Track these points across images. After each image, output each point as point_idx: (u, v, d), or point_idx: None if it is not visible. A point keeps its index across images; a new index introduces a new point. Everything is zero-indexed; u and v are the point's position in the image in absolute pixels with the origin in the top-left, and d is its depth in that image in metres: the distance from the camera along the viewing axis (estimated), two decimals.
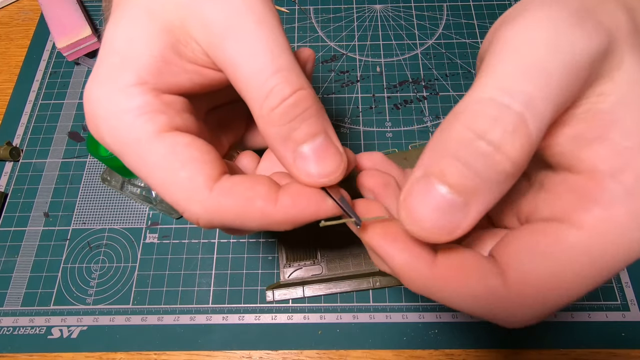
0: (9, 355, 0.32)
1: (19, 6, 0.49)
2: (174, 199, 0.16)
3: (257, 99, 0.16)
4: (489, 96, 0.12)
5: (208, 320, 0.33)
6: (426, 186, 0.13)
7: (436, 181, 0.13)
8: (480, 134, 0.12)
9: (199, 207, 0.16)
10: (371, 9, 0.47)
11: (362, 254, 0.34)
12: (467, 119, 0.13)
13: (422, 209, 0.13)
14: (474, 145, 0.12)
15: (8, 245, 0.36)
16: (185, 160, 0.16)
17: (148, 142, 0.16)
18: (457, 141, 0.13)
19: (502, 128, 0.12)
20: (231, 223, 0.16)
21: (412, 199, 0.13)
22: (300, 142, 0.16)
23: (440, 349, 0.32)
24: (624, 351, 0.31)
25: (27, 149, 0.40)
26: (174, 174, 0.16)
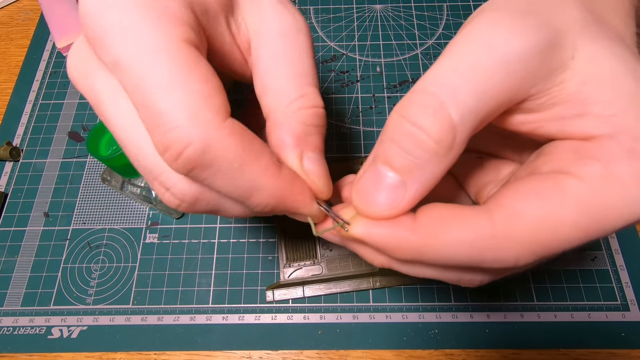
0: (9, 355, 0.32)
1: (19, 6, 0.49)
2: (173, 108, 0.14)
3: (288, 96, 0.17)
4: (422, 87, 0.14)
5: (208, 320, 0.33)
6: (373, 169, 0.15)
7: (379, 164, 0.15)
8: (408, 117, 0.14)
9: (201, 128, 0.14)
10: (371, 9, 0.47)
11: None
12: (400, 107, 0.15)
13: (367, 189, 0.15)
14: (404, 128, 0.14)
15: (8, 245, 0.36)
16: (207, 76, 0.14)
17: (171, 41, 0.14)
18: (392, 126, 0.15)
19: (424, 111, 0.14)
20: (221, 167, 0.14)
21: (361, 181, 0.16)
22: (311, 147, 0.17)
23: (440, 349, 0.32)
24: (624, 351, 0.31)
25: (27, 149, 0.40)
26: (191, 82, 0.14)
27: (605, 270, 0.34)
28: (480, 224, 0.14)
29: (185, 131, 0.14)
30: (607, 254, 0.34)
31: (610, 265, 0.34)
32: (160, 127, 0.14)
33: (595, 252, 0.34)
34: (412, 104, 0.14)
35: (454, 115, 0.14)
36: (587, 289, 0.33)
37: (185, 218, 0.37)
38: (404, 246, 0.15)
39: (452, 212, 0.15)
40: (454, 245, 0.14)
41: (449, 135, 0.14)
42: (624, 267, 0.34)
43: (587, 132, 0.14)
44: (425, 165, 0.14)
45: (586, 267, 0.34)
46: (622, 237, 0.35)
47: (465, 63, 0.14)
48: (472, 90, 0.13)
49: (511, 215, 0.14)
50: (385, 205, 0.15)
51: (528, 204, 0.14)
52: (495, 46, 0.14)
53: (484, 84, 0.14)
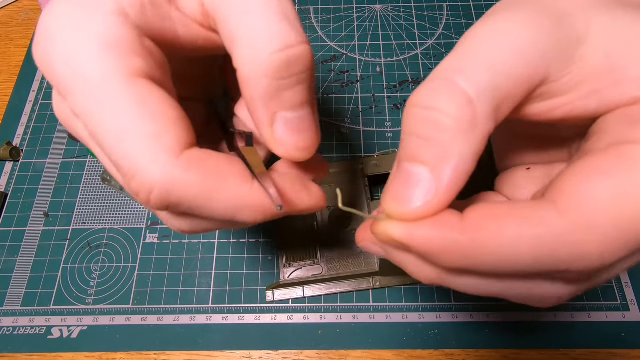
0: (9, 355, 0.32)
1: (19, 6, 0.49)
2: (128, 155, 0.13)
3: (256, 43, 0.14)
4: (430, 78, 0.14)
5: (208, 320, 0.33)
6: (400, 172, 0.14)
7: (405, 162, 0.14)
8: (420, 104, 0.14)
9: (158, 171, 0.13)
10: (371, 9, 0.47)
11: (362, 254, 0.34)
12: (411, 99, 0.14)
13: (398, 192, 0.14)
14: (419, 115, 0.14)
15: (8, 245, 0.36)
16: (156, 113, 0.14)
17: (116, 81, 0.13)
18: (407, 120, 0.14)
19: (436, 94, 0.13)
20: (191, 202, 0.14)
21: (390, 187, 0.14)
22: (285, 106, 0.15)
23: (440, 349, 0.32)
24: (624, 351, 0.31)
25: (27, 149, 0.40)
26: (138, 125, 0.13)
27: None
28: (545, 215, 0.12)
29: (143, 179, 0.13)
30: None
31: None
32: (123, 175, 0.14)
33: None
34: (422, 91, 0.14)
35: (469, 90, 0.13)
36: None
37: None
38: (451, 248, 0.13)
39: (506, 206, 0.13)
40: (513, 243, 0.12)
41: (467, 110, 0.13)
42: None
43: (631, 95, 0.13)
44: (450, 147, 0.13)
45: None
46: None
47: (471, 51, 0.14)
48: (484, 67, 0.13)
49: (581, 199, 0.12)
50: (420, 202, 0.13)
51: (597, 183, 0.12)
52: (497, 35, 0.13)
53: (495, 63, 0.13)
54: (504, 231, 0.12)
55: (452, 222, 0.13)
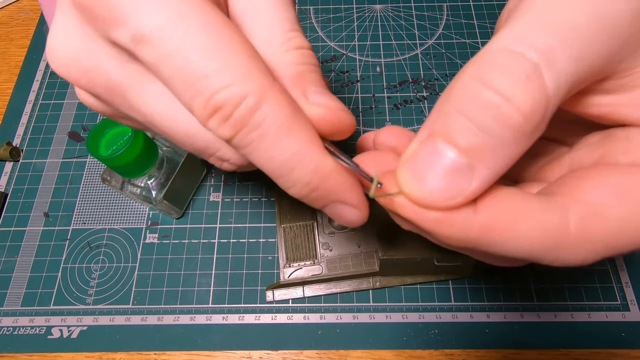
0: (9, 355, 0.32)
1: (19, 6, 0.49)
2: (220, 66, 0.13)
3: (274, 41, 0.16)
4: (503, 46, 0.11)
5: (208, 320, 0.33)
6: (429, 147, 0.12)
7: (440, 141, 0.12)
8: (489, 83, 0.11)
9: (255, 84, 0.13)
10: (371, 9, 0.47)
11: (362, 254, 0.34)
12: (475, 69, 0.12)
13: (422, 172, 0.12)
14: (481, 97, 0.11)
15: (8, 245, 0.36)
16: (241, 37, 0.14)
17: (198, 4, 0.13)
18: (463, 94, 0.12)
19: (514, 76, 0.11)
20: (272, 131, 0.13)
21: (414, 160, 0.13)
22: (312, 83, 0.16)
23: (440, 349, 0.32)
24: (624, 351, 0.31)
25: (27, 149, 0.40)
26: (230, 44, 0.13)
27: (605, 270, 0.34)
28: (553, 221, 0.12)
29: (238, 88, 0.12)
30: None
31: (610, 265, 0.34)
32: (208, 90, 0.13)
33: None
34: (494, 67, 0.11)
35: (550, 85, 0.11)
36: (587, 289, 0.33)
37: (185, 218, 0.37)
38: (458, 235, 0.13)
39: (520, 203, 0.13)
40: (517, 241, 0.12)
41: (541, 109, 0.11)
42: (623, 267, 0.34)
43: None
44: (503, 146, 0.11)
45: (586, 267, 0.34)
46: None
47: (560, 20, 0.11)
48: (572, 55, 0.11)
49: (591, 214, 0.12)
50: (443, 194, 0.12)
51: (612, 203, 0.12)
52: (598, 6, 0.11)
53: (585, 49, 0.11)
54: (513, 230, 0.12)
55: (466, 212, 0.12)
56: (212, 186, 0.38)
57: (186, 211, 0.37)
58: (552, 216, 0.12)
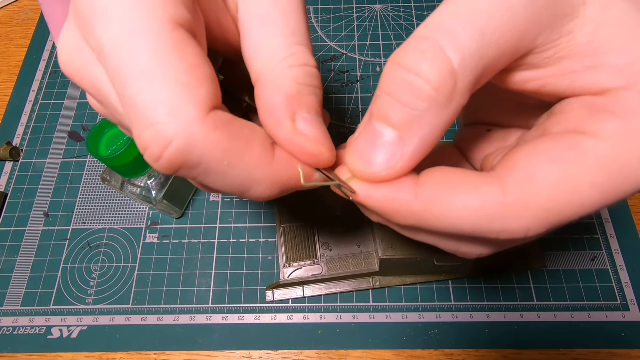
0: (9, 355, 0.32)
1: (19, 6, 0.49)
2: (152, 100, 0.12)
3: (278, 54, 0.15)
4: (418, 34, 0.13)
5: (208, 320, 0.33)
6: (369, 129, 0.14)
7: (376, 121, 0.14)
8: (403, 64, 0.13)
9: (182, 123, 0.12)
10: (371, 9, 0.47)
11: (362, 254, 0.34)
12: (395, 55, 0.14)
13: (363, 149, 0.14)
14: (399, 76, 0.13)
15: (8, 245, 0.36)
16: (192, 64, 0.13)
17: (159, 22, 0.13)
18: (386, 77, 0.14)
19: (421, 56, 0.13)
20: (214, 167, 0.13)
21: (356, 141, 0.14)
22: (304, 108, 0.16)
23: (440, 349, 0.32)
24: (624, 351, 0.31)
25: (27, 149, 0.40)
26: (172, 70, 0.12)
27: (605, 270, 0.34)
28: (489, 190, 0.13)
29: (164, 129, 0.12)
30: (607, 254, 0.34)
31: (610, 265, 0.34)
32: (138, 123, 0.12)
33: (595, 252, 0.34)
34: (407, 51, 0.13)
35: (454, 59, 0.12)
36: (587, 289, 0.33)
37: (185, 218, 0.37)
38: (404, 212, 0.14)
39: (458, 176, 0.14)
40: (458, 213, 0.13)
41: (449, 81, 0.13)
42: (624, 267, 0.34)
43: (601, 85, 0.13)
44: (424, 117, 0.13)
45: (586, 267, 0.34)
46: (622, 237, 0.35)
47: (464, 8, 0.13)
48: (473, 32, 0.12)
49: (524, 180, 0.13)
50: (383, 165, 0.14)
51: (542, 167, 0.13)
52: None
53: (486, 27, 0.12)
54: (453, 202, 0.13)
55: (407, 187, 0.14)
56: None
57: (186, 211, 0.37)
58: (490, 186, 0.13)
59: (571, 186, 0.12)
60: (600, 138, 0.12)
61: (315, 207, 0.35)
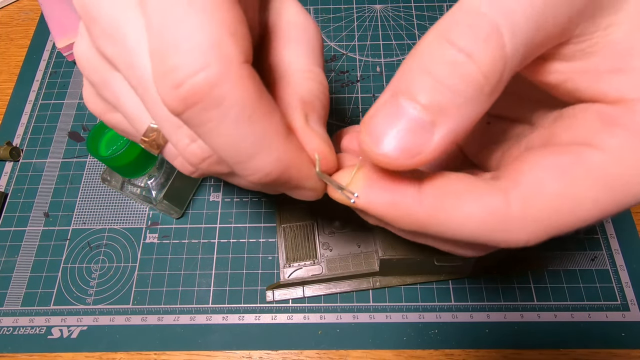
0: (9, 355, 0.32)
1: (19, 6, 0.49)
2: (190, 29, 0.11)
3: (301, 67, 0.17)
4: (468, 6, 0.12)
5: (208, 320, 0.33)
6: (392, 105, 0.12)
7: (403, 99, 0.12)
8: (452, 41, 0.12)
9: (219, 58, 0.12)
10: (371, 9, 0.47)
11: (362, 254, 0.34)
12: (440, 28, 0.12)
13: (384, 129, 0.12)
14: (445, 54, 0.12)
15: (8, 245, 0.36)
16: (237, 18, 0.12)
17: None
18: (428, 52, 0.12)
19: (475, 35, 0.11)
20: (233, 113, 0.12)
21: (375, 119, 0.12)
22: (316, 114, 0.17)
23: (440, 349, 0.32)
24: (624, 351, 0.31)
25: (27, 149, 0.40)
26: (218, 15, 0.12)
27: (605, 270, 0.34)
28: (494, 202, 0.13)
29: (197, 56, 0.11)
30: (607, 254, 0.34)
31: (610, 265, 0.34)
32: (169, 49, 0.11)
33: (595, 252, 0.34)
34: (459, 25, 0.12)
35: (508, 43, 0.11)
36: (587, 289, 0.33)
37: (185, 218, 0.37)
38: (407, 218, 0.13)
39: (463, 184, 0.13)
40: (462, 222, 0.13)
41: (499, 68, 0.11)
42: (624, 267, 0.34)
43: (619, 93, 0.12)
44: (466, 103, 0.12)
45: (586, 267, 0.34)
46: (622, 237, 0.35)
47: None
48: (530, 15, 0.11)
49: (529, 194, 0.12)
50: (405, 152, 0.12)
51: (547, 182, 0.12)
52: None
53: (544, 9, 0.11)
54: (458, 211, 0.13)
55: (411, 192, 0.13)
56: (212, 186, 0.38)
57: (186, 211, 0.37)
58: (495, 198, 0.13)
59: (574, 202, 0.12)
60: (606, 152, 0.12)
61: (315, 207, 0.35)
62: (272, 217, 0.37)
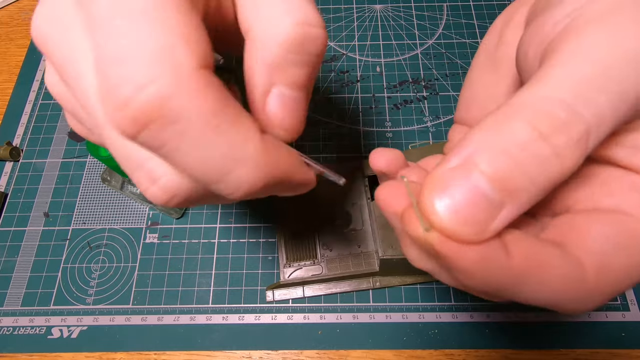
0: (9, 355, 0.32)
1: (19, 6, 0.49)
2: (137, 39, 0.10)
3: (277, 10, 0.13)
4: (561, 97, 0.11)
5: (208, 320, 0.33)
6: (463, 175, 0.12)
7: (477, 172, 0.12)
8: (545, 135, 0.11)
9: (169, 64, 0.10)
10: (371, 9, 0.47)
11: (362, 254, 0.34)
12: (531, 115, 0.11)
13: (452, 199, 0.12)
14: (534, 145, 0.11)
15: (8, 245, 0.36)
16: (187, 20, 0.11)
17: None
18: (512, 136, 0.11)
19: (569, 135, 0.11)
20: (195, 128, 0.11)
21: (444, 185, 0.12)
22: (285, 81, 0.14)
23: (440, 349, 0.32)
24: (624, 351, 0.31)
25: (27, 149, 0.40)
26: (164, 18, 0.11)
27: None
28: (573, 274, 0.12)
29: (143, 67, 0.10)
30: None
31: None
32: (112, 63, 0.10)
33: None
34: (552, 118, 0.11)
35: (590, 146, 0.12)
36: None
37: (185, 218, 0.37)
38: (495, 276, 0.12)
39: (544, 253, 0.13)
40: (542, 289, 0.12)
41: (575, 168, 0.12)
42: None
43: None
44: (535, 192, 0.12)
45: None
46: None
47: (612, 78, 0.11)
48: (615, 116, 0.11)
49: (601, 267, 0.13)
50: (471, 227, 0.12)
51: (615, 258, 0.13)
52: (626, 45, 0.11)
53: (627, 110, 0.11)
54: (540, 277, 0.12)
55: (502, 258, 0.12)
56: None
57: (186, 211, 0.37)
58: (572, 270, 0.13)
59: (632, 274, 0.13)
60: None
61: (316, 207, 0.35)
62: (272, 217, 0.37)
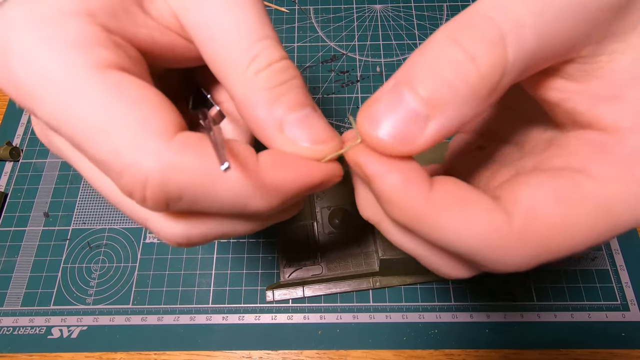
0: (9, 355, 0.32)
1: None
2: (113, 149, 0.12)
3: (238, 64, 0.14)
4: (480, 10, 0.12)
5: (208, 320, 0.33)
6: (393, 93, 0.13)
7: (405, 89, 0.13)
8: (459, 42, 0.12)
9: (151, 158, 0.12)
10: (371, 9, 0.47)
11: (362, 254, 0.34)
12: (451, 28, 0.12)
13: (382, 115, 0.13)
14: (450, 53, 0.12)
15: (8, 245, 0.36)
16: (136, 98, 0.13)
17: (84, 73, 0.12)
18: (435, 49, 0.12)
19: (479, 38, 0.12)
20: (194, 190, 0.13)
21: (376, 104, 0.13)
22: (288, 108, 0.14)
23: (440, 349, 0.32)
24: (624, 351, 0.31)
25: (27, 149, 0.40)
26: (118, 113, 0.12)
27: (605, 270, 0.34)
28: (498, 219, 0.12)
29: (134, 170, 0.12)
30: (607, 254, 0.34)
31: (610, 265, 0.34)
32: (112, 175, 0.12)
33: (595, 252, 0.34)
34: (466, 28, 0.12)
35: (510, 54, 0.12)
36: (587, 289, 0.33)
37: None
38: (407, 205, 0.13)
39: (472, 195, 0.13)
40: (462, 232, 0.13)
41: (497, 74, 0.12)
42: (624, 267, 0.34)
43: (614, 120, 0.12)
44: (461, 102, 0.12)
45: (586, 267, 0.34)
46: (622, 237, 0.35)
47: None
48: (538, 30, 0.11)
49: (529, 216, 0.12)
50: (397, 137, 0.13)
51: (547, 205, 0.12)
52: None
53: (552, 26, 0.11)
54: (462, 219, 0.13)
55: (422, 185, 0.13)
56: None
57: None
58: (498, 215, 0.13)
59: (570, 229, 0.12)
60: (598, 181, 0.12)
61: (316, 208, 0.35)
62: None
